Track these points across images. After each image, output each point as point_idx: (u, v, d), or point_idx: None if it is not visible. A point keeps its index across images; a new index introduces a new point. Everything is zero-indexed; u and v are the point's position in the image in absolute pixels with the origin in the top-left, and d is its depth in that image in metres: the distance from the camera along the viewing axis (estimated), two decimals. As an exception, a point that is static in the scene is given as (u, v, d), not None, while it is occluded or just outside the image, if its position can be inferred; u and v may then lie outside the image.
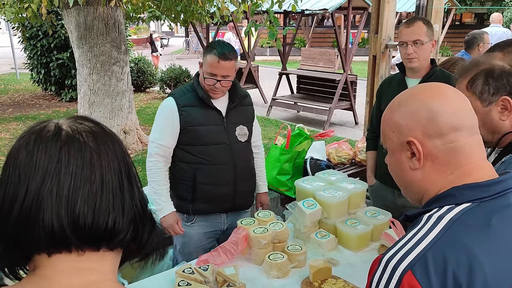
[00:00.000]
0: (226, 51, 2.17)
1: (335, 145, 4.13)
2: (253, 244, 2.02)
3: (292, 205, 2.25)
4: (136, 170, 0.74)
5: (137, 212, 0.70)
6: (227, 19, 5.14)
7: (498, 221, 0.84)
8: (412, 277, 0.79)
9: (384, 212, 2.27)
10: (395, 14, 4.14)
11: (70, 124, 0.69)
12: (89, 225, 0.65)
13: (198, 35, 10.79)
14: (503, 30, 6.96)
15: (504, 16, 12.77)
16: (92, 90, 4.80)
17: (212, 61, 2.17)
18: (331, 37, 17.49)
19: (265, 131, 7.32)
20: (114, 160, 0.69)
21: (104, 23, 4.48)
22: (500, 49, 1.97)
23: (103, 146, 0.68)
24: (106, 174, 0.67)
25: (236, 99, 2.35)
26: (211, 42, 2.31)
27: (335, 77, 8.08)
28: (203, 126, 2.25)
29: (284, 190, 3.47)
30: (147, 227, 0.72)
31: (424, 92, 0.95)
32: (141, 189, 0.74)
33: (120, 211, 0.67)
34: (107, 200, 0.66)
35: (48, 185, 0.64)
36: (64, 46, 8.94)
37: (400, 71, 2.62)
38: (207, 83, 2.21)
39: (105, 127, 0.73)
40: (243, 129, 2.37)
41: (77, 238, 0.65)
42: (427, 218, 0.87)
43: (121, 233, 0.67)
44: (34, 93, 10.41)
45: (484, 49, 4.03)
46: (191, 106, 2.24)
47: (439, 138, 0.90)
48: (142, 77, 10.45)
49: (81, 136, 0.68)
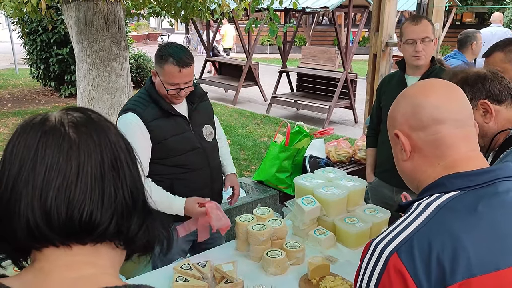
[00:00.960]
0: (183, 57, 1.99)
1: (335, 143, 4.12)
2: (252, 241, 2.01)
3: (291, 202, 2.25)
4: (130, 160, 0.71)
5: (122, 204, 0.67)
6: (228, 16, 5.13)
7: (485, 208, 0.86)
8: (397, 259, 0.82)
9: (383, 210, 2.27)
10: (396, 12, 4.14)
11: (58, 115, 0.68)
12: (62, 218, 0.63)
13: (198, 32, 10.78)
14: (503, 30, 6.95)
15: (505, 16, 12.76)
16: (91, 86, 4.79)
17: (171, 71, 1.99)
18: (331, 35, 17.47)
19: (265, 129, 7.31)
20: (95, 150, 0.66)
21: (104, 19, 4.47)
22: (500, 49, 1.97)
23: (85, 136, 0.66)
24: (83, 166, 0.64)
25: (196, 99, 2.22)
26: (161, 47, 2.07)
27: (335, 76, 8.07)
28: (175, 137, 2.11)
29: (283, 188, 3.47)
30: (134, 219, 0.69)
31: (413, 88, 1.01)
32: (137, 180, 0.71)
33: (99, 203, 0.65)
34: (82, 192, 0.64)
35: (24, 176, 0.63)
36: (64, 42, 8.92)
37: (400, 69, 2.61)
38: (170, 93, 2.04)
39: (95, 117, 0.71)
40: (208, 128, 2.27)
41: (51, 231, 0.63)
42: (416, 205, 0.91)
43: (100, 225, 0.65)
44: (33, 89, 10.39)
45: (477, 47, 4.04)
46: (157, 119, 2.07)
47: (422, 130, 0.95)
48: (141, 73, 10.44)
49: (62, 127, 0.66)
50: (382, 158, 2.67)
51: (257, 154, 6.01)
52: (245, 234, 2.06)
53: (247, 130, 7.22)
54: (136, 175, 0.72)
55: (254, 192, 3.63)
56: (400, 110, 0.99)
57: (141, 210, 0.71)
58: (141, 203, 0.72)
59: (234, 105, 9.19)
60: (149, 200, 0.74)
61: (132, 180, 0.70)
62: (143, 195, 0.73)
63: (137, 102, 2.11)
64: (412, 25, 2.44)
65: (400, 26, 2.58)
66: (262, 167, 3.60)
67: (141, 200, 0.71)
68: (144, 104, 2.09)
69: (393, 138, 1.00)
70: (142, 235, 0.70)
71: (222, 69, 10.76)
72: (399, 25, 2.58)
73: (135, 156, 0.74)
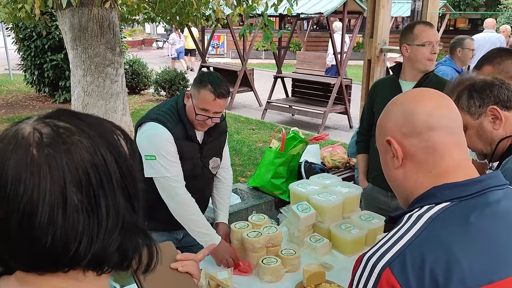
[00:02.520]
0: (222, 88, 2.02)
1: (330, 149, 4.13)
2: (247, 248, 2.00)
3: (286, 209, 2.24)
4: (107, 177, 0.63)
5: (91, 230, 0.61)
6: (223, 22, 5.14)
7: (476, 219, 0.85)
8: (390, 274, 0.81)
9: (378, 216, 2.27)
10: (390, 18, 4.16)
11: (29, 130, 0.62)
12: (24, 251, 0.59)
13: (193, 38, 10.79)
14: (496, 35, 7.02)
15: (498, 22, 12.87)
16: (86, 92, 4.78)
17: (207, 98, 2.01)
18: (326, 41, 17.54)
19: (260, 134, 7.31)
20: (58, 174, 0.59)
21: (99, 25, 4.46)
22: (488, 62, 1.96)
23: (47, 159, 0.59)
24: (44, 194, 0.58)
25: (215, 133, 2.22)
26: (204, 72, 2.12)
27: (330, 81, 8.09)
28: (188, 161, 2.12)
29: (278, 194, 3.46)
30: (105, 242, 0.63)
31: (405, 96, 1.02)
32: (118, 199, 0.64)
33: (61, 234, 0.59)
34: (43, 223, 0.58)
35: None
36: (58, 47, 8.90)
37: (394, 74, 2.60)
38: (197, 119, 2.05)
39: (64, 132, 0.62)
40: (216, 161, 2.27)
41: (17, 263, 0.60)
42: (407, 217, 0.90)
43: (63, 257, 0.60)
44: (27, 94, 10.35)
45: (463, 54, 4.05)
46: (181, 140, 2.09)
47: (415, 137, 0.94)
48: (136, 79, 10.42)
49: (28, 147, 0.60)
50: (376, 162, 2.65)
51: (253, 159, 6.00)
52: (240, 241, 2.05)
53: (242, 135, 7.22)
54: (120, 193, 0.64)
55: (249, 198, 3.62)
56: (392, 117, 0.98)
57: (116, 232, 0.64)
58: (120, 224, 0.64)
59: (229, 110, 9.19)
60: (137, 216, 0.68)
61: (108, 202, 0.63)
62: (129, 214, 0.66)
63: (168, 116, 2.09)
64: (427, 28, 2.47)
65: (406, 30, 2.54)
66: (257, 173, 3.60)
67: (121, 221, 0.64)
68: (174, 121, 2.08)
69: (384, 145, 0.99)
70: (116, 257, 0.65)
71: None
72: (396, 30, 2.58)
73: (127, 166, 0.66)
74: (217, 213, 2.35)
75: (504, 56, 1.93)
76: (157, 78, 9.79)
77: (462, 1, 17.40)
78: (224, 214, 2.36)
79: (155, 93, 10.15)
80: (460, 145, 0.95)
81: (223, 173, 2.40)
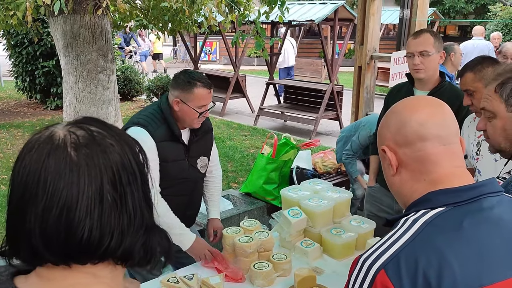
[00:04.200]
0: (206, 80, 2.15)
1: (321, 155, 4.16)
2: (239, 253, 2.02)
3: (278, 214, 2.26)
4: (135, 179, 0.70)
5: (122, 226, 0.68)
6: (215, 29, 5.17)
7: (469, 224, 0.87)
8: (384, 276, 0.83)
9: (368, 221, 2.30)
10: (380, 26, 4.22)
11: (63, 133, 0.68)
12: (61, 243, 0.64)
13: (185, 44, 10.81)
14: (485, 43, 7.11)
15: (487, 29, 13.06)
16: (78, 99, 4.77)
17: (202, 94, 2.09)
18: (317, 47, 17.65)
19: (252, 140, 7.33)
20: (95, 174, 0.66)
21: (91, 32, 4.47)
22: (470, 69, 2.01)
23: (85, 158, 0.66)
24: (83, 191, 0.65)
25: (200, 132, 2.25)
26: (180, 75, 2.15)
27: (322, 87, 8.15)
28: (173, 162, 2.14)
29: (270, 199, 3.48)
30: (134, 239, 0.70)
31: (400, 104, 1.03)
32: (141, 199, 0.71)
33: (98, 227, 0.65)
34: (81, 217, 0.64)
35: (27, 201, 0.65)
36: (50, 54, 8.86)
37: (409, 82, 2.60)
38: (203, 116, 2.13)
39: (98, 135, 0.69)
40: (204, 160, 2.29)
41: (51, 255, 0.65)
42: (403, 221, 0.92)
43: (99, 249, 0.66)
44: (18, 101, 10.28)
45: (456, 58, 4.12)
46: (165, 141, 2.11)
47: (407, 146, 0.96)
48: (129, 85, 10.40)
49: (65, 148, 0.66)
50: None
51: (245, 165, 6.02)
52: (232, 246, 2.07)
53: (235, 141, 7.24)
54: (141, 193, 0.71)
55: (241, 204, 3.63)
56: (387, 125, 1.01)
57: (142, 229, 0.71)
58: (144, 222, 0.71)
59: (222, 116, 9.20)
60: (155, 215, 0.74)
61: (135, 200, 0.70)
62: (148, 213, 0.73)
63: (149, 119, 2.11)
64: (411, 39, 2.47)
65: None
66: (249, 179, 3.61)
67: (144, 219, 0.71)
68: (157, 123, 2.10)
69: (381, 153, 1.02)
70: (142, 252, 0.71)
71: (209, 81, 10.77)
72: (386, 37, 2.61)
73: (144, 172, 0.73)
74: (209, 209, 2.44)
75: (485, 63, 1.97)
76: (150, 84, 9.79)
77: (451, 9, 17.63)
78: (215, 210, 2.44)
79: (147, 100, 10.13)
80: (455, 154, 0.96)
81: (213, 171, 2.44)
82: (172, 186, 2.16)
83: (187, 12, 4.23)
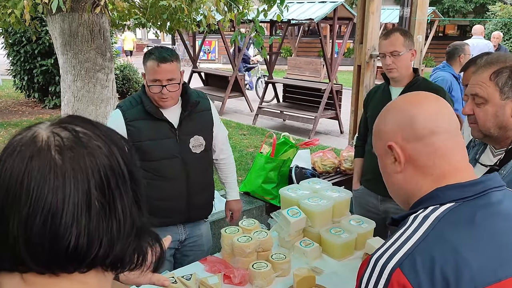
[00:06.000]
0: (164, 54, 2.07)
1: (320, 154, 4.14)
2: (237, 253, 2.00)
3: (277, 214, 2.25)
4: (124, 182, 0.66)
5: (111, 232, 0.64)
6: (214, 28, 5.15)
7: (481, 218, 0.87)
8: (401, 274, 0.81)
9: (367, 221, 2.28)
10: (379, 25, 4.20)
11: (46, 135, 0.63)
12: (46, 252, 0.61)
13: (184, 43, 10.80)
14: (484, 42, 7.11)
15: (486, 28, 13.05)
16: (76, 97, 4.75)
17: (152, 66, 2.06)
18: (317, 46, 17.64)
19: (251, 140, 7.32)
20: (82, 179, 0.61)
21: (89, 30, 4.45)
22: (473, 63, 2.02)
23: (71, 162, 0.62)
24: (69, 197, 0.61)
25: (188, 107, 2.20)
26: (149, 49, 2.20)
27: (321, 87, 8.14)
28: (152, 141, 2.12)
29: (269, 199, 3.46)
30: (123, 245, 0.66)
31: (404, 100, 1.02)
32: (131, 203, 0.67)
33: (85, 235, 0.62)
34: (67, 225, 0.60)
35: (10, 206, 0.60)
36: (48, 53, 8.85)
37: (385, 81, 2.68)
38: (152, 91, 2.08)
39: (84, 137, 0.65)
40: (198, 139, 2.24)
41: (37, 264, 0.61)
42: (413, 218, 0.91)
43: (86, 257, 0.63)
44: (17, 100, 10.26)
45: (465, 59, 4.11)
46: (139, 120, 2.11)
47: (417, 141, 0.95)
48: (127, 84, 10.39)
49: (49, 151, 0.62)
50: (368, 166, 2.71)
51: (244, 164, 6.01)
52: (231, 246, 2.05)
53: (234, 140, 7.22)
54: (131, 195, 0.67)
55: (240, 203, 3.61)
56: (390, 122, 0.99)
57: (133, 233, 0.67)
58: (134, 226, 0.67)
59: (221, 115, 9.18)
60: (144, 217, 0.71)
61: (124, 204, 0.66)
62: (138, 215, 0.69)
63: (127, 101, 2.20)
64: (382, 39, 2.55)
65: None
66: (248, 178, 3.60)
67: (134, 222, 0.67)
68: (132, 103, 2.17)
69: (384, 150, 0.99)
70: (132, 256, 0.68)
71: (208, 80, 10.78)
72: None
73: (133, 170, 0.69)
74: (227, 191, 2.54)
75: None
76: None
77: (451, 8, 17.62)
78: (231, 191, 2.52)
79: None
80: (461, 147, 0.97)
81: (221, 155, 2.45)
82: (158, 168, 2.13)
83: (186, 10, 4.22)
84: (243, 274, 1.90)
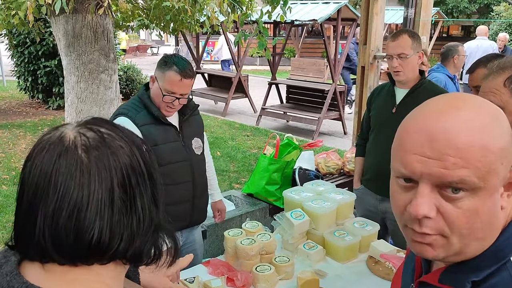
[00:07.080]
0: (187, 68, 2.05)
1: (324, 155, 4.13)
2: (240, 256, 1.99)
3: (280, 216, 2.24)
4: (144, 181, 0.71)
5: (132, 228, 0.69)
6: (217, 29, 5.15)
7: None
8: None
9: (372, 223, 2.27)
10: (383, 25, 4.18)
11: (73, 135, 0.68)
12: (70, 244, 0.65)
13: (188, 44, 10.81)
14: (489, 43, 7.08)
15: (490, 29, 13.00)
16: (79, 98, 4.75)
17: (173, 79, 2.03)
18: (320, 47, 17.62)
19: (255, 141, 7.31)
20: (105, 176, 0.67)
21: (93, 31, 4.45)
22: (483, 65, 1.98)
23: (96, 161, 0.66)
24: (93, 193, 0.65)
25: (188, 111, 2.23)
26: (167, 55, 2.15)
27: (324, 87, 8.11)
28: (164, 145, 2.11)
29: (272, 200, 3.45)
30: (142, 240, 0.71)
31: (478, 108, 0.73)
32: (150, 200, 0.72)
33: (107, 229, 0.66)
34: (91, 219, 0.65)
35: (38, 201, 0.65)
36: (52, 54, 8.87)
37: (390, 81, 2.65)
38: (165, 101, 2.06)
39: (108, 137, 0.70)
40: (197, 141, 2.28)
41: (60, 256, 0.66)
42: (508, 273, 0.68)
43: (108, 251, 0.67)
44: (21, 101, 10.29)
45: (459, 60, 4.09)
46: (148, 125, 2.09)
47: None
48: (131, 85, 10.41)
49: (76, 150, 0.66)
50: (368, 166, 2.69)
51: (247, 166, 6.00)
52: (234, 249, 2.04)
53: (237, 142, 7.21)
54: (150, 194, 0.72)
55: (243, 205, 3.61)
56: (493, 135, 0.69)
57: (151, 229, 0.72)
58: (152, 222, 0.72)
59: (224, 116, 9.19)
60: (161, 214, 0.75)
61: (143, 202, 0.71)
62: (156, 213, 0.73)
63: (129, 107, 2.14)
64: (390, 41, 2.48)
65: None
66: (251, 179, 3.59)
67: (152, 219, 0.72)
68: (136, 109, 2.12)
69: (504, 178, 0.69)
70: (149, 251, 0.72)
71: (212, 81, 10.78)
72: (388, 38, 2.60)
73: (151, 171, 0.73)
74: (212, 193, 2.53)
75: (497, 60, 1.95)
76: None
77: (455, 9, 17.56)
78: (215, 192, 2.54)
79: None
80: None
81: (207, 158, 2.45)
82: (168, 171, 2.13)
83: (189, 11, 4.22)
84: (246, 277, 1.89)
